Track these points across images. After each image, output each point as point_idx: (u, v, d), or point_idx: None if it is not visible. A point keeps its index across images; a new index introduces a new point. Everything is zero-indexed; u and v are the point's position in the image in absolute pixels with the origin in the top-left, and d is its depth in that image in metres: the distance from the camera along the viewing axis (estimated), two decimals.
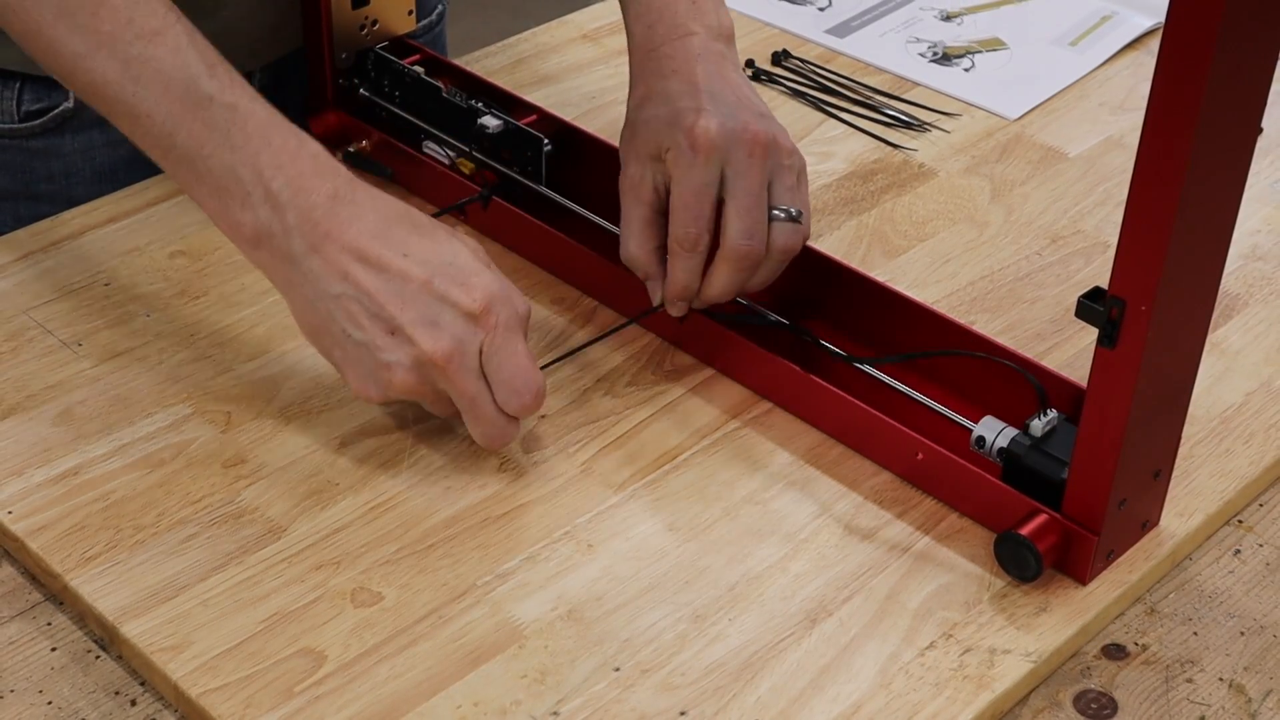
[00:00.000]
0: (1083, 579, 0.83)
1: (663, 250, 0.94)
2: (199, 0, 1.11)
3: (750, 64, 1.28)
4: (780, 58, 1.29)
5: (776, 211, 0.92)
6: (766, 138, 0.92)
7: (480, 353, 0.84)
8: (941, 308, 0.96)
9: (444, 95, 1.07)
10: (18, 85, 1.11)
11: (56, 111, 1.12)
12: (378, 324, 0.84)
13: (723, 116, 0.92)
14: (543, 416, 0.93)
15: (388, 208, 0.87)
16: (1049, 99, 1.27)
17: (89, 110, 1.06)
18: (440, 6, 1.30)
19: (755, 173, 0.92)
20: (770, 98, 1.24)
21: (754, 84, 1.26)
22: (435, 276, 0.84)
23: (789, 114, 1.22)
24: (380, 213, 0.86)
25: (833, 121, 1.23)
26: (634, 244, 0.95)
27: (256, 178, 0.85)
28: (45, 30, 0.86)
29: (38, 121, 1.12)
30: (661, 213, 0.94)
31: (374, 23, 1.13)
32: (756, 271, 0.93)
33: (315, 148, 0.87)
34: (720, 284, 0.92)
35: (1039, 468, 0.84)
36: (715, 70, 0.96)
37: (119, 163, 1.14)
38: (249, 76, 1.17)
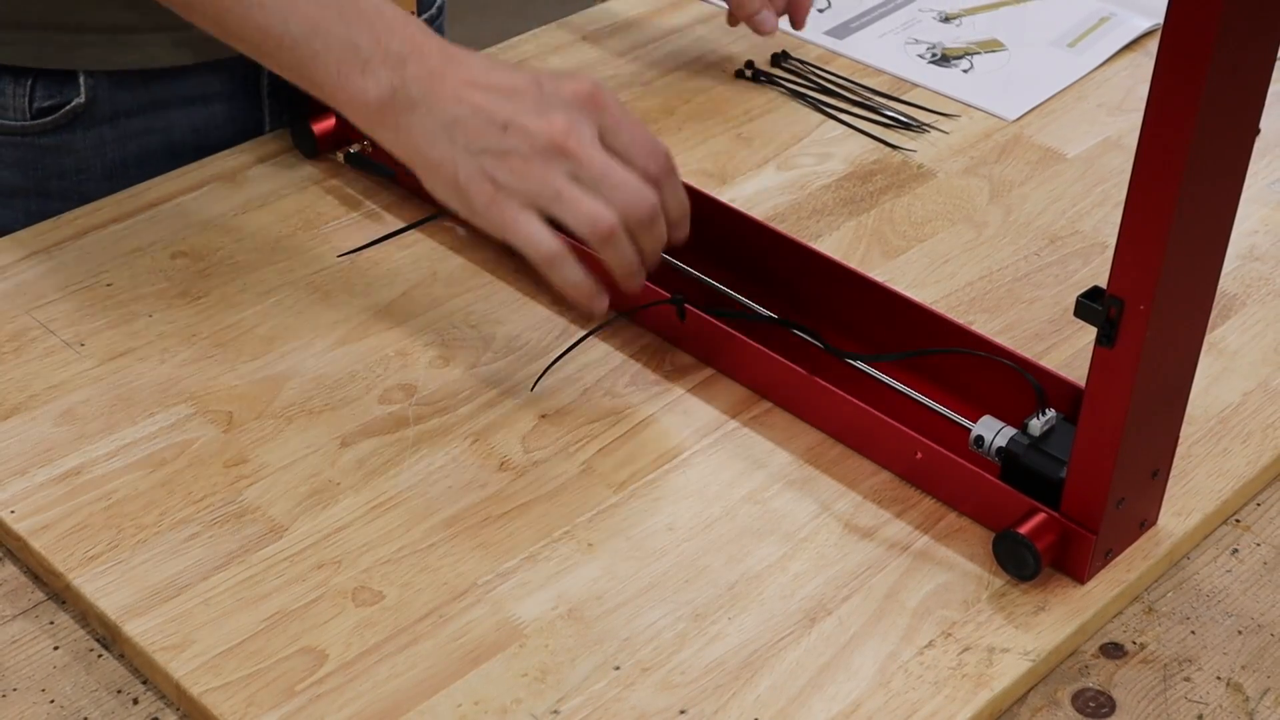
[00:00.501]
0: (1081, 578, 0.83)
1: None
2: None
3: (750, 65, 1.28)
4: (779, 59, 1.30)
5: None
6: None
7: (599, 136, 0.89)
8: (940, 308, 0.97)
9: None
10: (29, 82, 1.11)
11: (68, 108, 1.12)
12: (493, 128, 0.89)
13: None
14: (543, 416, 0.93)
15: (487, 58, 0.93)
16: (1047, 100, 1.27)
17: (100, 106, 1.07)
18: (440, 0, 1.31)
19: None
20: (769, 98, 1.25)
21: (754, 85, 1.27)
22: (541, 80, 0.90)
23: (788, 115, 1.23)
24: (483, 59, 0.92)
25: (832, 122, 1.23)
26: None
27: (374, 43, 0.90)
28: None
29: (49, 119, 1.13)
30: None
31: None
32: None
33: (420, 21, 0.93)
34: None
35: (1037, 467, 0.84)
36: None
37: (130, 159, 1.15)
38: (258, 74, 1.19)
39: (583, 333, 0.98)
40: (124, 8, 1.11)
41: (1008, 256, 1.09)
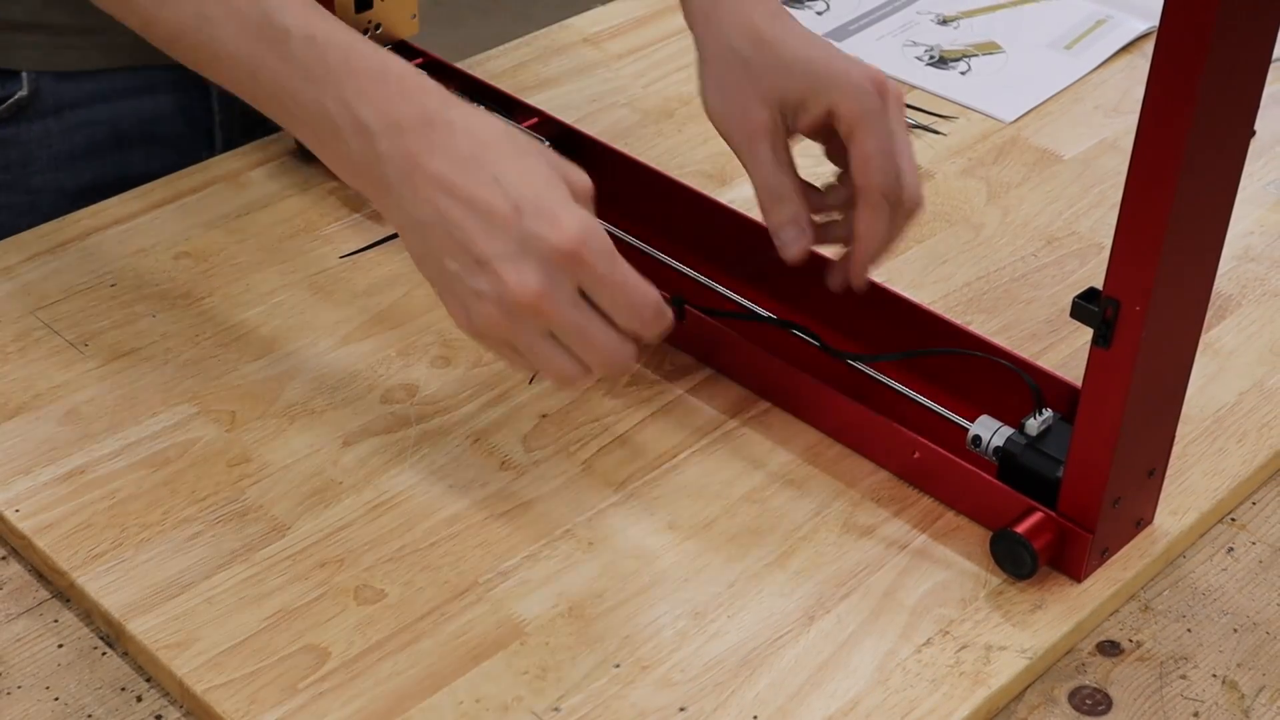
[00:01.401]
0: (1078, 576, 0.84)
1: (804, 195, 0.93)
2: None
3: None
4: None
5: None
6: (902, 95, 0.92)
7: (579, 290, 0.80)
8: (938, 308, 0.97)
9: None
10: None
11: (11, 101, 1.11)
12: (467, 256, 0.79)
13: (871, 67, 0.91)
14: (543, 416, 0.93)
15: (482, 129, 0.81)
16: (1044, 102, 1.27)
17: (44, 99, 1.03)
18: None
19: (903, 130, 0.91)
20: None
21: None
22: (523, 209, 0.78)
23: None
24: (473, 134, 0.80)
25: None
26: (789, 187, 0.92)
27: (344, 109, 0.80)
28: None
29: None
30: (791, 157, 0.93)
31: (377, 26, 1.13)
32: None
33: (401, 68, 0.82)
34: (890, 239, 0.91)
35: (1034, 466, 0.85)
36: (796, 21, 0.95)
37: (76, 150, 1.13)
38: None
39: None
40: (60, 11, 1.10)
41: (1005, 257, 1.09)
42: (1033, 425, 0.86)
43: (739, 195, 1.14)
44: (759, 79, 0.92)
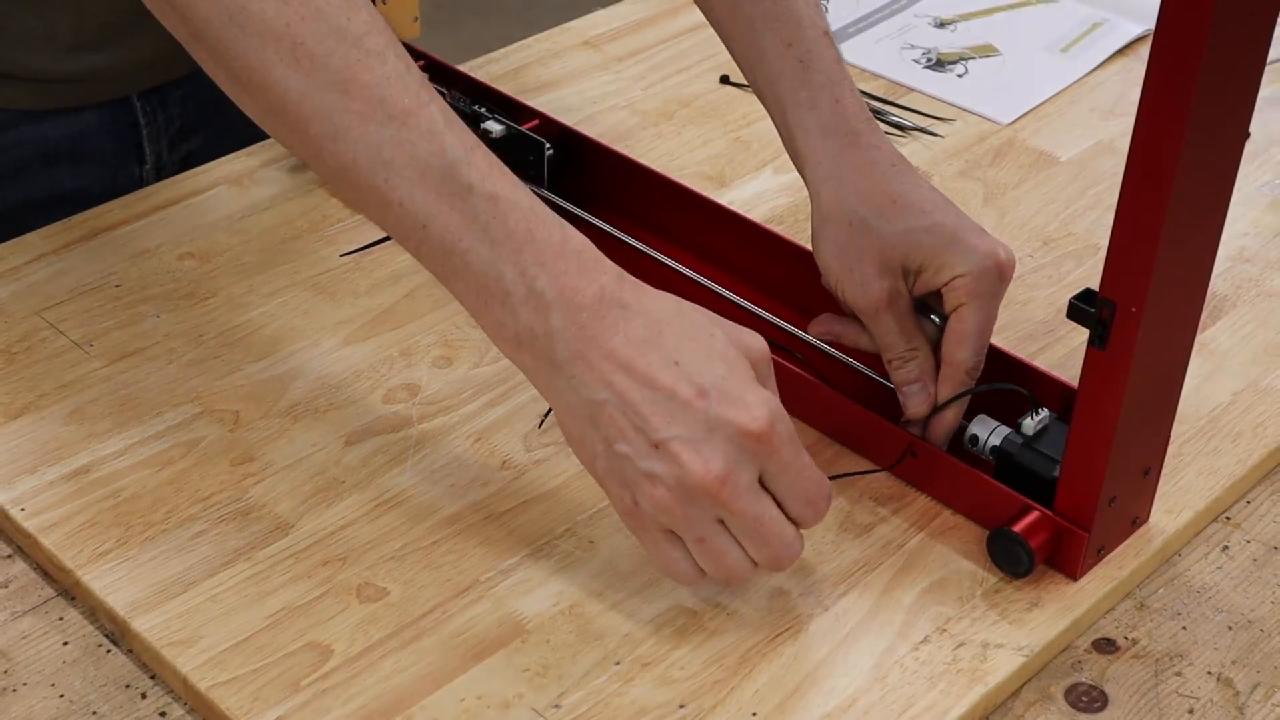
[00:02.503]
0: (1074, 575, 0.84)
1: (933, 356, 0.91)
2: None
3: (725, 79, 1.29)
4: None
5: None
6: (1014, 267, 0.90)
7: (759, 474, 0.77)
8: None
9: (448, 100, 1.08)
10: None
11: None
12: (641, 437, 0.76)
13: (998, 241, 0.89)
14: (544, 416, 0.94)
15: (657, 307, 0.78)
16: (1041, 104, 1.28)
17: None
18: None
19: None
20: None
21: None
22: (709, 392, 0.75)
23: None
24: (649, 315, 0.77)
25: None
26: (921, 353, 0.90)
27: (519, 276, 0.76)
28: (290, 109, 0.77)
29: None
30: (915, 315, 0.91)
31: None
32: None
33: (580, 241, 0.78)
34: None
35: (1031, 465, 0.85)
36: (918, 173, 0.93)
37: (4, 171, 1.13)
38: (179, 80, 1.17)
39: None
40: None
41: None
42: (1029, 425, 0.86)
43: (738, 197, 1.15)
44: (882, 246, 0.89)
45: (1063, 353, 1.01)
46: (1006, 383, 0.89)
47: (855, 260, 0.90)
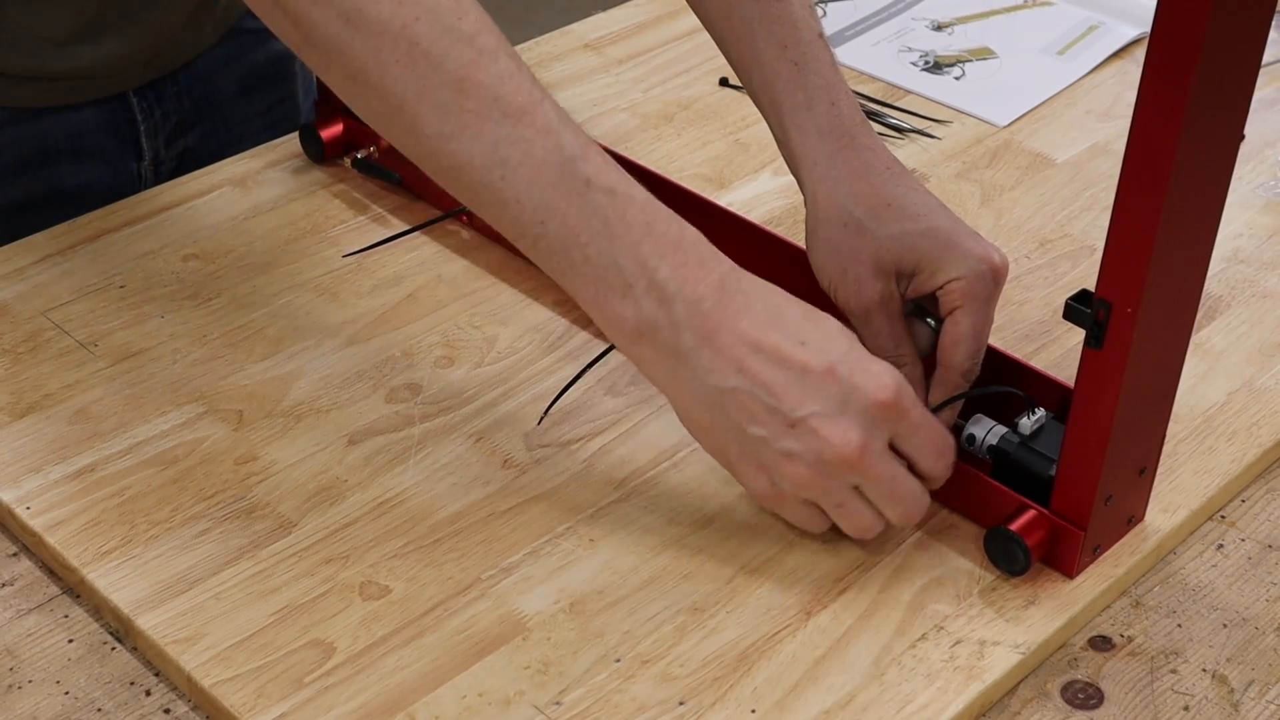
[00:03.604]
0: (1070, 573, 0.84)
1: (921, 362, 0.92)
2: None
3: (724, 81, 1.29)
4: None
5: None
6: (1008, 269, 0.90)
7: (890, 438, 0.80)
8: None
9: None
10: None
11: None
12: (777, 417, 0.78)
13: (992, 245, 0.89)
14: (545, 415, 0.94)
15: (773, 295, 0.81)
16: (1037, 106, 1.28)
17: None
18: None
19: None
20: None
21: None
22: (838, 365, 0.78)
23: None
24: (768, 301, 0.80)
25: None
26: (907, 359, 0.91)
27: (640, 268, 0.78)
28: (406, 109, 0.77)
29: None
30: (904, 319, 0.91)
31: None
32: None
33: (695, 234, 0.80)
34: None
35: (1028, 465, 0.85)
36: (914, 178, 0.93)
37: (5, 168, 1.13)
38: (174, 75, 1.18)
39: (593, 356, 0.97)
40: None
41: None
42: (1026, 424, 0.86)
43: (737, 198, 1.15)
44: (877, 248, 0.90)
45: (1059, 353, 1.01)
46: (1002, 385, 0.89)
47: (849, 262, 0.90)
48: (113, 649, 0.81)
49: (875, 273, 0.90)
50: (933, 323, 0.91)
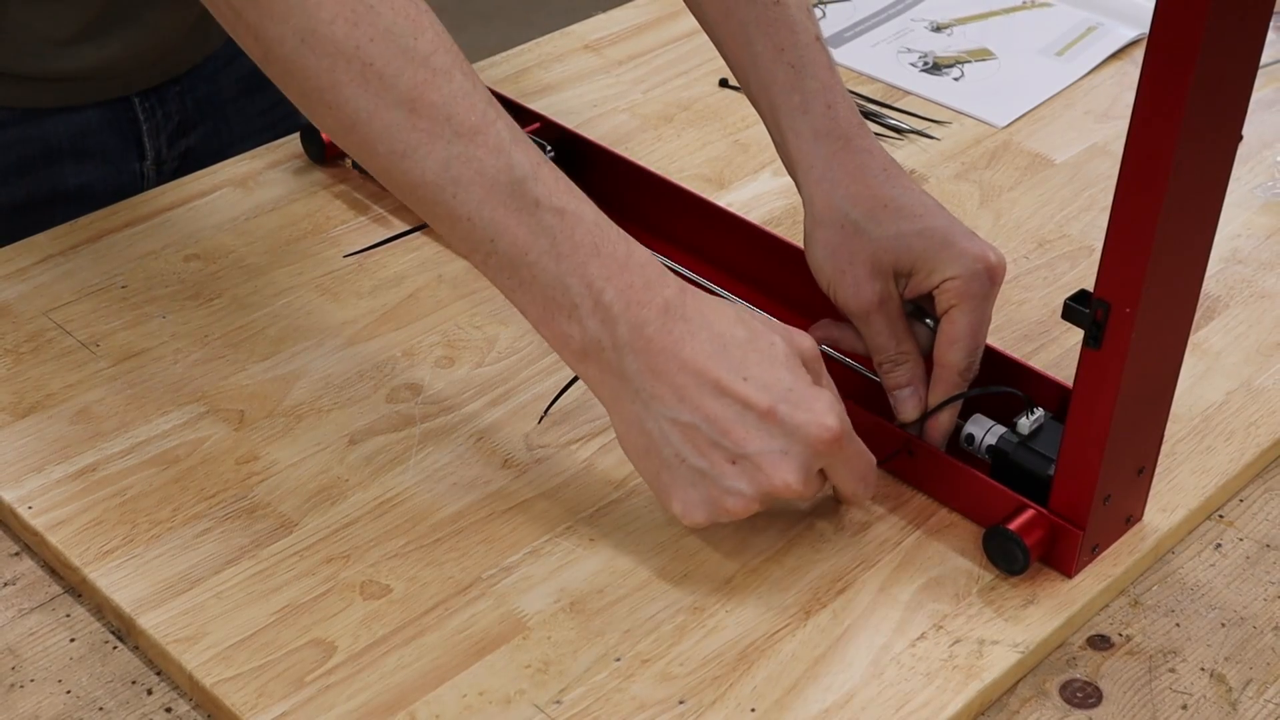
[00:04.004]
0: (1068, 572, 0.84)
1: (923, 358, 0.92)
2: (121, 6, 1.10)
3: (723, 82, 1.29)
4: None
5: None
6: (1005, 270, 0.90)
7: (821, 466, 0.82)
8: None
9: None
10: None
11: None
12: (719, 452, 0.79)
13: (987, 244, 0.90)
14: (545, 415, 0.94)
15: (718, 319, 0.80)
16: (1036, 107, 1.28)
17: None
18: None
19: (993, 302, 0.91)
20: None
21: None
22: (779, 404, 0.79)
23: None
24: (712, 328, 0.80)
25: None
26: (910, 357, 0.91)
27: (586, 288, 0.78)
28: (360, 128, 0.78)
29: None
30: (905, 318, 0.91)
31: None
32: None
33: (644, 254, 0.81)
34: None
35: (1026, 464, 0.86)
36: (910, 177, 0.93)
37: (9, 168, 1.14)
38: (177, 76, 1.19)
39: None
40: None
41: None
42: (1024, 424, 0.86)
43: (736, 199, 1.15)
44: (874, 249, 0.90)
45: (1058, 353, 1.01)
46: (1001, 385, 0.90)
47: (847, 263, 0.91)
48: (114, 648, 0.81)
49: (873, 273, 0.90)
50: (931, 323, 0.91)
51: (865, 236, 0.90)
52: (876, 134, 1.21)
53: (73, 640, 0.81)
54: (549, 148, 1.06)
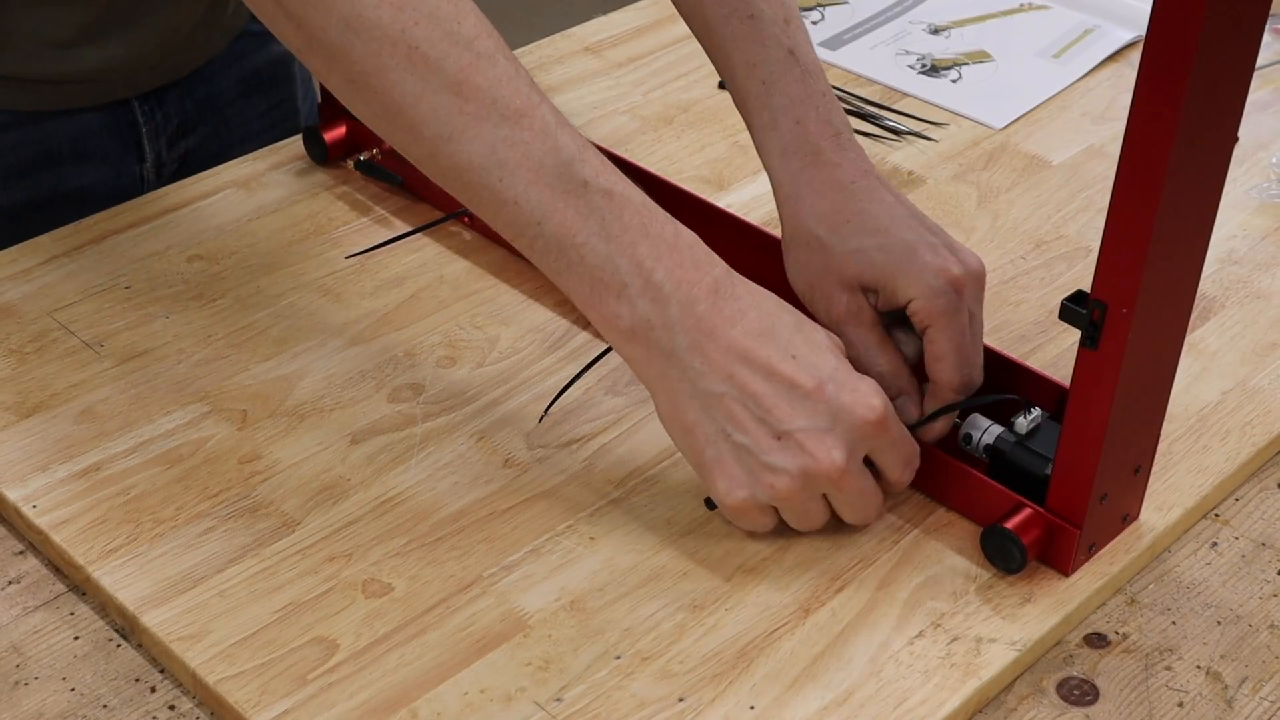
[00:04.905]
0: (1065, 571, 0.84)
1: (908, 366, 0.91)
2: (122, 10, 1.11)
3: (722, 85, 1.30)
4: None
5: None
6: (983, 274, 0.90)
7: (866, 451, 0.82)
8: None
9: None
10: None
11: None
12: (763, 429, 0.79)
13: (952, 248, 0.89)
14: (546, 415, 0.95)
15: (767, 302, 0.82)
16: (1033, 109, 1.29)
17: None
18: None
19: (979, 309, 0.90)
20: None
21: None
22: (826, 383, 0.79)
23: None
24: (761, 309, 0.81)
25: None
26: (888, 367, 0.90)
27: (636, 268, 0.79)
28: (406, 112, 0.78)
29: None
30: (884, 330, 0.91)
31: None
32: None
33: (690, 236, 0.81)
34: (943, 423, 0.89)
35: (1024, 464, 0.86)
36: (887, 185, 0.92)
37: (9, 170, 1.14)
38: (175, 84, 1.19)
39: (593, 356, 0.98)
40: None
41: (995, 260, 1.10)
42: (1022, 424, 0.87)
43: (736, 200, 1.16)
44: (839, 264, 0.90)
45: (1055, 353, 1.01)
46: (999, 385, 0.90)
47: (818, 279, 0.91)
48: (118, 646, 0.81)
49: (841, 287, 0.90)
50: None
51: (830, 252, 0.90)
52: (875, 136, 1.22)
53: (77, 638, 0.82)
54: None
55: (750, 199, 1.16)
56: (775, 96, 0.93)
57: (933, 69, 1.34)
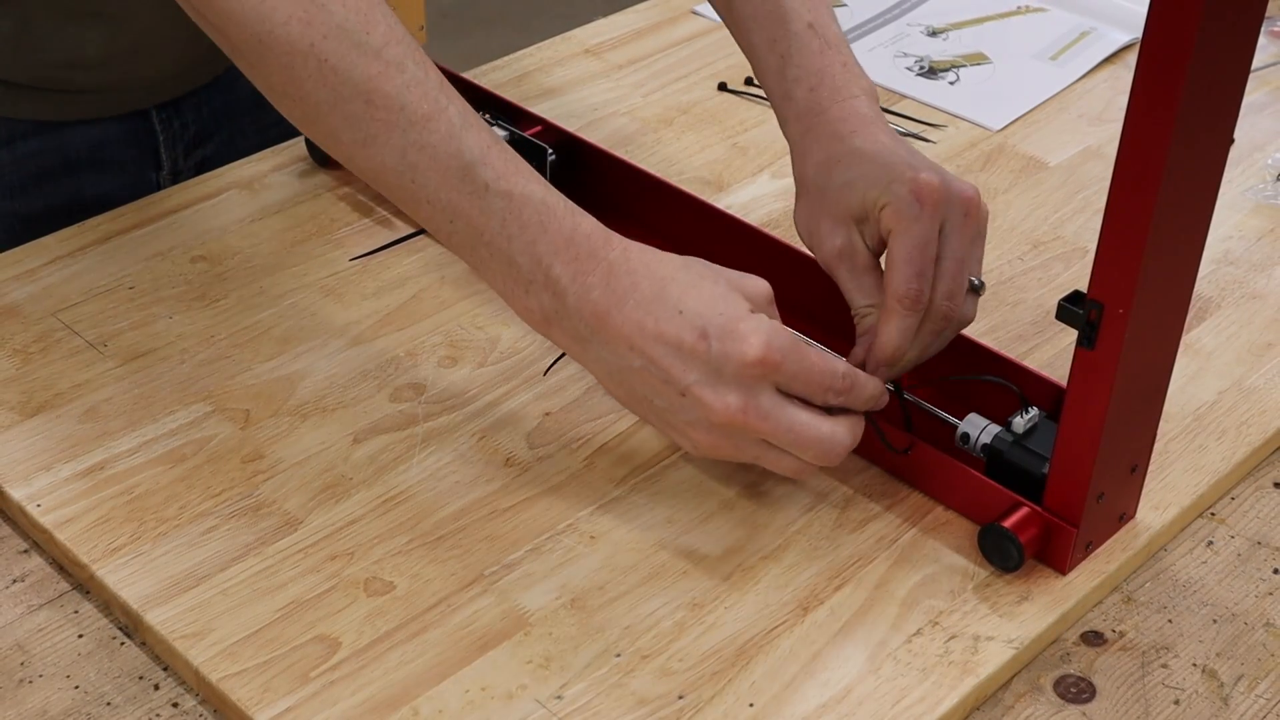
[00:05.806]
0: (1062, 569, 0.85)
1: None
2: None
3: (748, 81, 1.30)
4: None
5: (972, 279, 0.89)
6: (977, 199, 0.88)
7: (777, 388, 0.82)
8: None
9: None
10: None
11: None
12: (669, 389, 0.81)
13: (939, 172, 0.88)
14: (546, 414, 0.95)
15: (664, 266, 0.83)
16: (1030, 111, 1.29)
17: None
18: None
19: (966, 233, 0.88)
20: (764, 110, 1.26)
21: (748, 97, 1.29)
22: (709, 332, 0.80)
23: None
24: (654, 275, 0.83)
25: None
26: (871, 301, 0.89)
27: (535, 265, 0.82)
28: (323, 119, 0.82)
29: None
30: (880, 271, 0.90)
31: None
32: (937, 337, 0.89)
33: (590, 224, 0.84)
34: (917, 348, 0.88)
35: (1021, 463, 0.86)
36: (890, 132, 0.93)
37: (28, 178, 1.15)
38: (193, 93, 1.19)
39: None
40: (18, 69, 1.11)
41: (992, 261, 1.10)
42: (1019, 423, 0.87)
43: (735, 200, 1.16)
44: (833, 201, 0.91)
45: (1052, 353, 1.02)
46: (994, 376, 0.90)
47: (815, 222, 0.92)
48: (122, 644, 0.82)
49: (835, 226, 0.91)
50: None
51: (825, 193, 0.92)
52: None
53: (81, 636, 0.82)
54: (551, 151, 1.07)
55: (750, 200, 1.16)
56: (791, 69, 0.95)
57: (931, 71, 1.34)
